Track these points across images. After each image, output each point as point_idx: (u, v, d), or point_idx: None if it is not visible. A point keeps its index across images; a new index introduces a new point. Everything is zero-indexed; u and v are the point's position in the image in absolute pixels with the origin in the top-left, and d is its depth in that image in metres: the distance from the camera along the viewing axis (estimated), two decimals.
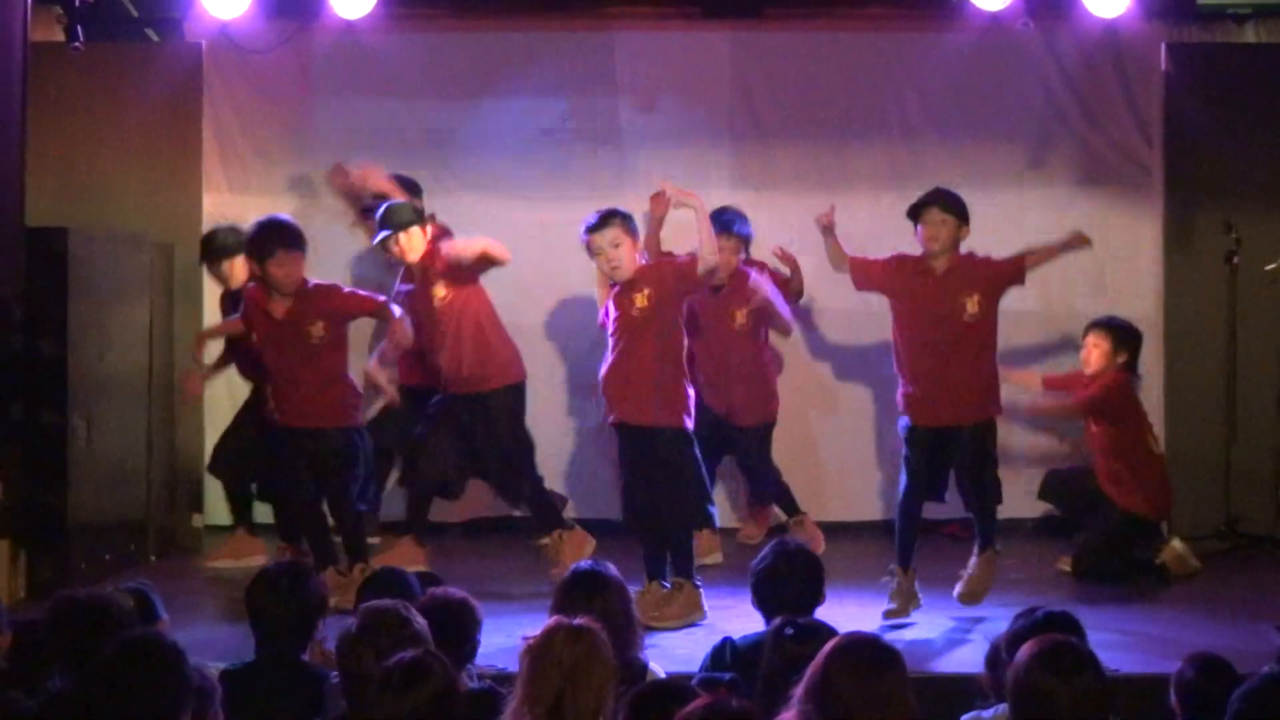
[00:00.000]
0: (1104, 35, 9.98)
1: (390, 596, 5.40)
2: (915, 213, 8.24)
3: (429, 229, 9.07)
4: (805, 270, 9.87)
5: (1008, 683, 4.48)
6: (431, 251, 8.95)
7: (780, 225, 10.11)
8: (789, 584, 6.12)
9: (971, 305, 8.17)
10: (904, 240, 10.05)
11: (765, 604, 6.14)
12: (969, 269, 8.23)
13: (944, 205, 8.21)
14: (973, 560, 8.22)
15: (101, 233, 9.52)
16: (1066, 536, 9.66)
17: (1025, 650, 4.43)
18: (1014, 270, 8.38)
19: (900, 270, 8.33)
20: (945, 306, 8.18)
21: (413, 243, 8.93)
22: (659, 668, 5.80)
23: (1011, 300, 10.22)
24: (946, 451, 8.19)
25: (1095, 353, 9.45)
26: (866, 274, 8.43)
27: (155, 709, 4.34)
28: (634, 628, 5.68)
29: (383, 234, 8.91)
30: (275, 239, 8.49)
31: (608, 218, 8.11)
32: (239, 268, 9.38)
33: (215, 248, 9.54)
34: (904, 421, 8.26)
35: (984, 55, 10.20)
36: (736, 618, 7.28)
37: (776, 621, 5.23)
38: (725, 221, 9.32)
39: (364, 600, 5.55)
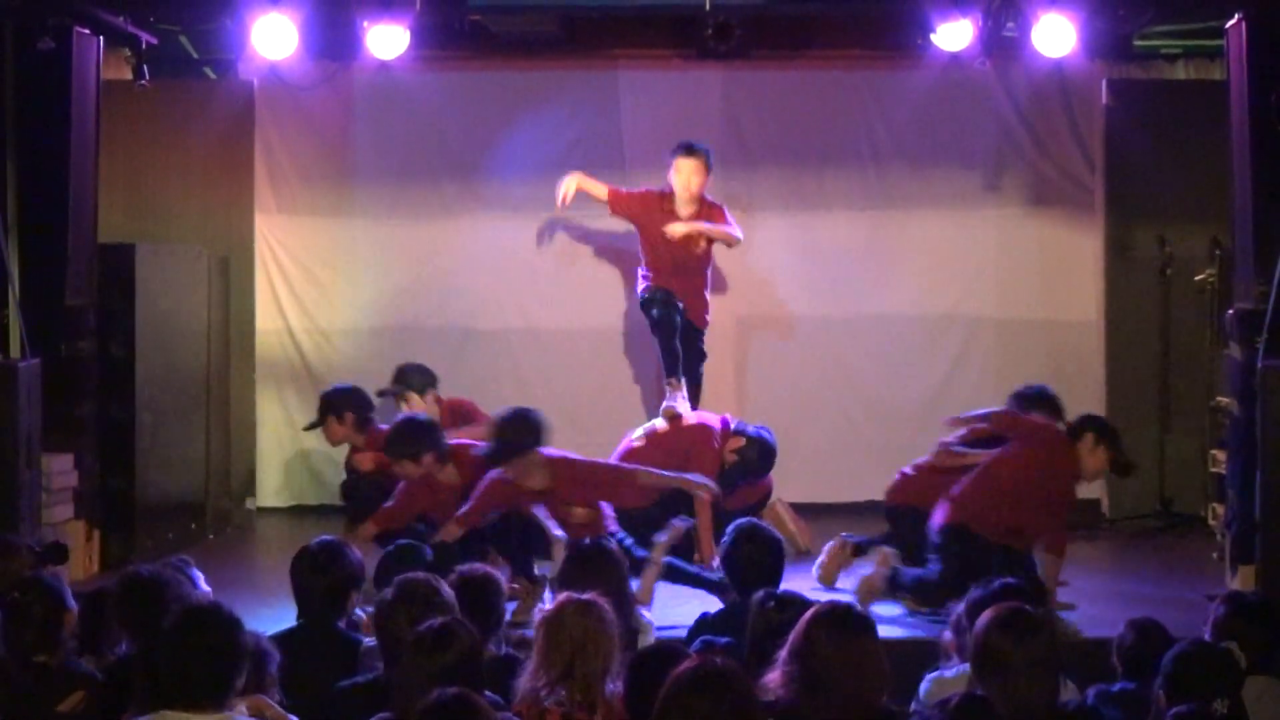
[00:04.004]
0: (1051, 73, 9.93)
1: (407, 568, 5.38)
2: None
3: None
4: (794, 280, 10.03)
5: (970, 645, 4.45)
6: None
7: (765, 240, 10.11)
8: (757, 561, 6.07)
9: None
10: (875, 254, 10.13)
11: (736, 579, 6.11)
12: None
13: None
14: None
15: (165, 248, 9.50)
16: None
17: (986, 616, 4.39)
18: None
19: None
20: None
21: None
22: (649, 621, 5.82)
23: (969, 308, 10.32)
24: None
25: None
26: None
27: (213, 672, 4.31)
28: (627, 596, 5.75)
29: None
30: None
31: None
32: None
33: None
34: None
35: (945, 91, 10.15)
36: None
37: (759, 595, 5.20)
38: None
39: (386, 572, 5.53)
